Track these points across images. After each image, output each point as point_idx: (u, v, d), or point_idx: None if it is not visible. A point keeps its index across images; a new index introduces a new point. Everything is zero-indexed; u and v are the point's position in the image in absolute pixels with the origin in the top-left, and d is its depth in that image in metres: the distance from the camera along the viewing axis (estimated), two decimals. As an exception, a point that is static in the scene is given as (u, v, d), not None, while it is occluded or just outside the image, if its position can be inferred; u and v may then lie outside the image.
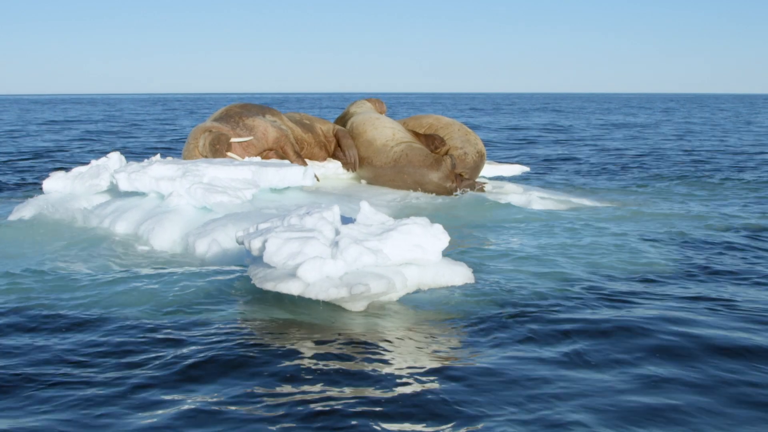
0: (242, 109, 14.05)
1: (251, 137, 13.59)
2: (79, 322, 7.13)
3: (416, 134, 14.94)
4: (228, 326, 6.99)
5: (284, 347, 6.34)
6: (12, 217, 11.96)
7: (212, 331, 6.85)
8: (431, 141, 14.84)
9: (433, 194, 13.96)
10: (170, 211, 10.81)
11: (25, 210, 12.08)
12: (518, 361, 6.08)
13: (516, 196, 14.10)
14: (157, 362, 6.15)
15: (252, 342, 6.56)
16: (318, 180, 13.43)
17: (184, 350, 6.36)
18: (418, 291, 7.11)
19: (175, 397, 5.50)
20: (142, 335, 6.78)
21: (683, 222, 12.33)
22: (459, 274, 6.85)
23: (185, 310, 7.50)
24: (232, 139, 13.44)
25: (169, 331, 6.86)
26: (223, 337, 6.65)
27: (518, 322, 6.93)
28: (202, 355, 6.24)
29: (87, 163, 13.15)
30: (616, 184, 17.97)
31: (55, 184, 12.56)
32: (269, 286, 6.48)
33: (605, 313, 7.18)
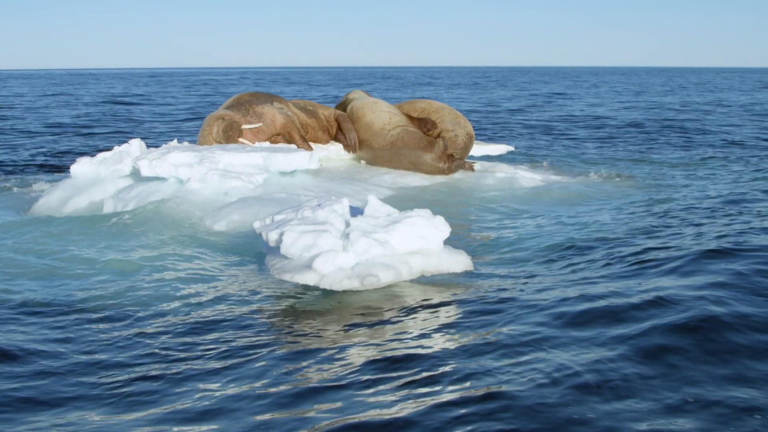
0: (252, 98, 13.88)
1: (261, 123, 13.43)
2: (98, 306, 7.03)
3: (410, 118, 14.82)
4: (245, 307, 6.91)
5: (307, 328, 6.28)
6: (43, 200, 11.83)
7: (232, 312, 6.76)
8: (424, 124, 14.74)
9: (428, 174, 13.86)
10: (189, 196, 10.69)
11: (55, 193, 11.95)
12: (512, 336, 6.02)
13: (505, 175, 14.00)
14: (186, 342, 6.07)
15: (270, 321, 6.49)
16: (320, 165, 13.32)
17: (210, 330, 6.29)
18: (422, 277, 7.01)
19: (203, 376, 5.42)
20: (158, 317, 6.71)
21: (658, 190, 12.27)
22: (459, 262, 6.76)
23: (207, 292, 7.41)
24: (243, 126, 13.28)
25: (193, 314, 6.77)
26: (244, 317, 6.59)
27: (512, 304, 6.83)
28: (227, 335, 6.17)
29: (111, 149, 12.98)
30: (590, 157, 17.88)
31: (81, 168, 12.38)
32: (287, 277, 6.39)
33: (593, 295, 7.08)
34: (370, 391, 5.10)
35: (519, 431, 4.48)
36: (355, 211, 7.35)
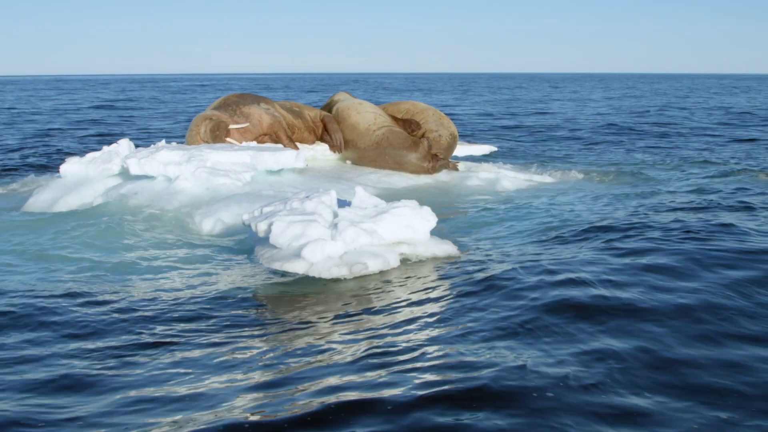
0: (239, 99, 13.90)
1: (248, 124, 13.46)
2: (87, 295, 7.01)
3: (395, 118, 14.88)
4: (234, 295, 6.92)
5: (294, 314, 6.30)
6: (33, 200, 11.78)
7: (220, 300, 6.76)
8: (408, 125, 14.81)
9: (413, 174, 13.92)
10: (178, 193, 10.71)
11: (45, 193, 11.90)
12: (493, 323, 6.06)
13: (488, 174, 14.09)
14: (174, 329, 6.08)
15: (258, 308, 6.51)
16: (306, 165, 13.35)
17: (199, 317, 6.30)
18: (409, 265, 7.04)
19: (192, 359, 5.44)
20: (147, 305, 6.71)
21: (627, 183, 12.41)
22: (445, 251, 6.81)
23: (197, 282, 7.42)
24: (231, 126, 13.30)
25: (183, 302, 6.77)
26: (232, 304, 6.59)
27: (495, 292, 6.85)
28: (215, 321, 6.18)
29: (99, 149, 12.97)
30: (571, 157, 18.01)
31: (70, 168, 12.36)
32: (276, 266, 6.41)
33: (574, 284, 7.14)
34: (353, 368, 5.15)
35: (494, 414, 4.51)
36: (342, 204, 7.40)
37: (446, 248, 6.84)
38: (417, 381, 4.94)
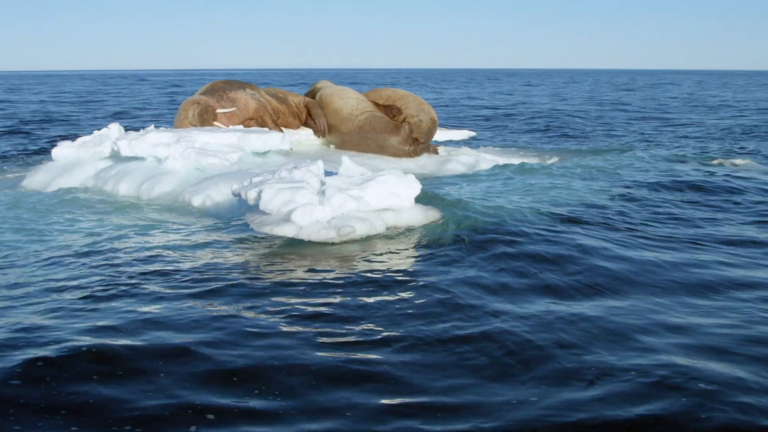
0: (225, 84, 13.97)
1: (234, 108, 13.53)
2: (80, 259, 7.11)
3: (377, 104, 15.00)
4: (230, 262, 7.00)
5: (283, 277, 6.38)
6: (26, 182, 11.84)
7: (218, 267, 6.84)
8: (390, 110, 14.93)
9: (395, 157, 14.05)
10: (167, 172, 10.77)
11: (37, 176, 11.96)
12: (467, 288, 6.18)
13: (468, 157, 14.26)
14: (177, 291, 6.17)
15: (251, 273, 6.59)
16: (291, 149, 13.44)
17: (199, 279, 6.39)
18: (395, 230, 7.14)
19: (191, 318, 5.54)
20: (137, 266, 6.81)
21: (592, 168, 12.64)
22: (430, 217, 6.95)
23: (185, 248, 7.49)
24: (218, 110, 13.37)
25: (166, 263, 6.86)
26: (228, 271, 6.67)
27: (475, 259, 6.98)
28: (213, 284, 6.26)
29: (90, 133, 13.01)
30: (544, 143, 18.23)
31: (62, 151, 12.40)
32: (266, 230, 6.52)
33: (543, 243, 7.34)
34: (321, 333, 5.21)
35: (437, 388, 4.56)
36: (330, 174, 7.52)
37: (430, 214, 6.99)
38: (373, 340, 5.01)
